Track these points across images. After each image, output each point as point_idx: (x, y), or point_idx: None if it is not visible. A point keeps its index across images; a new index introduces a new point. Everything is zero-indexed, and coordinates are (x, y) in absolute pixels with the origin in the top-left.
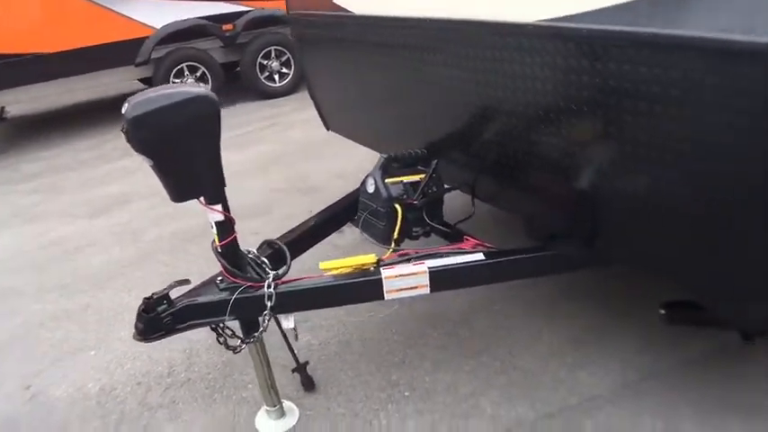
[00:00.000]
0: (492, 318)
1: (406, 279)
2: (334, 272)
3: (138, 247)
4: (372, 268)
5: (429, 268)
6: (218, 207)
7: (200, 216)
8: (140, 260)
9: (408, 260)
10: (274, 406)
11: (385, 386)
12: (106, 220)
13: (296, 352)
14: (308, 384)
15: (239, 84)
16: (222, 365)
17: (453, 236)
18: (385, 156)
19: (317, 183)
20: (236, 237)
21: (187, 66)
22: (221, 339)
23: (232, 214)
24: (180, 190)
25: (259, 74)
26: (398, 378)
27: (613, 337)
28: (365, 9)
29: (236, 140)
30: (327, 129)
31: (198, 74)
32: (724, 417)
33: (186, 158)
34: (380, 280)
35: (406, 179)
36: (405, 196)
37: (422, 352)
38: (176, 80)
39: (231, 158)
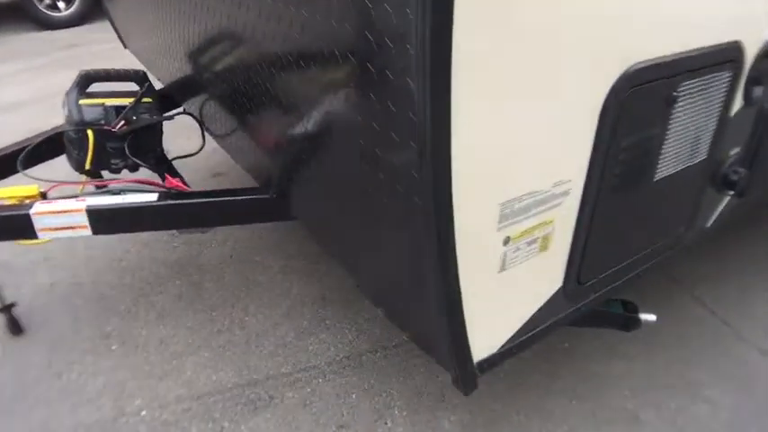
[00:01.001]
0: (248, 270)
1: (61, 217)
2: None
3: None
4: (32, 202)
5: (87, 207)
6: None
7: None
8: None
9: (76, 197)
10: None
11: (95, 336)
12: None
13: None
14: (14, 327)
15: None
16: None
17: (164, 172)
18: (83, 72)
19: None
20: None
21: None
22: None
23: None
24: None
25: None
26: (113, 329)
27: (363, 303)
28: None
29: (86, 59)
30: (125, 47)
31: None
32: (438, 399)
33: None
34: (29, 216)
35: (108, 102)
36: (102, 122)
37: (153, 301)
38: None
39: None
